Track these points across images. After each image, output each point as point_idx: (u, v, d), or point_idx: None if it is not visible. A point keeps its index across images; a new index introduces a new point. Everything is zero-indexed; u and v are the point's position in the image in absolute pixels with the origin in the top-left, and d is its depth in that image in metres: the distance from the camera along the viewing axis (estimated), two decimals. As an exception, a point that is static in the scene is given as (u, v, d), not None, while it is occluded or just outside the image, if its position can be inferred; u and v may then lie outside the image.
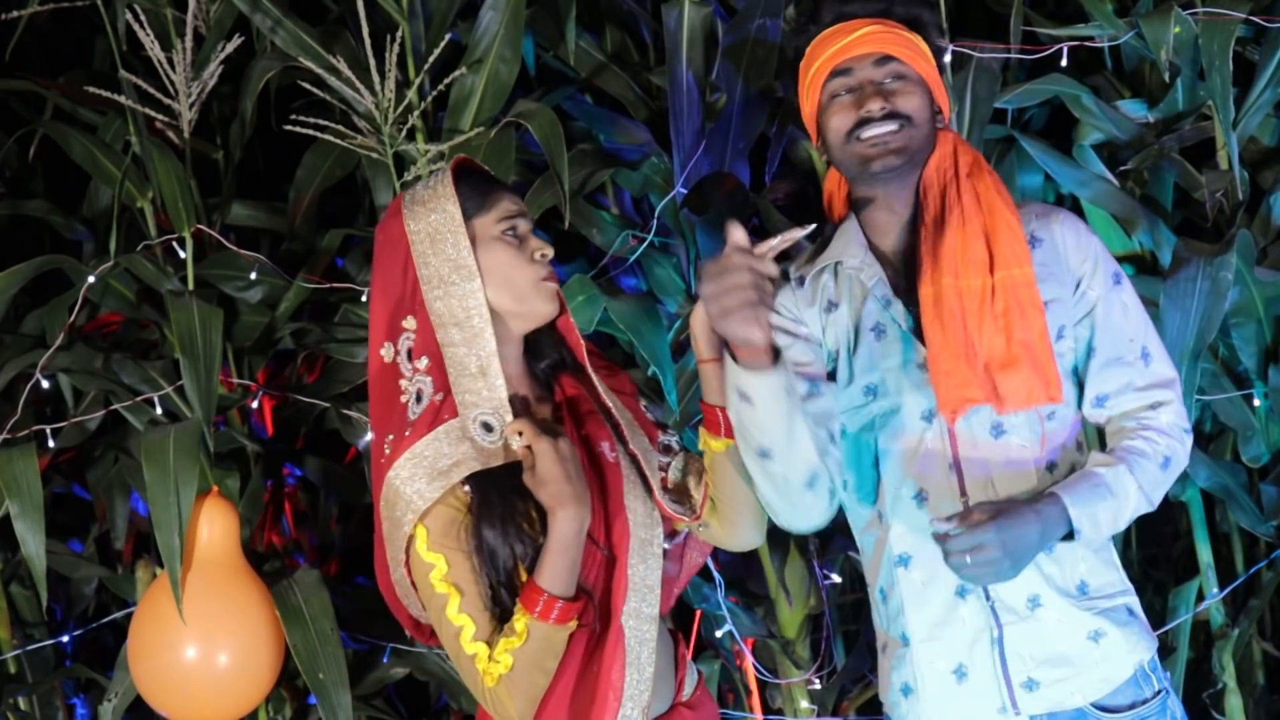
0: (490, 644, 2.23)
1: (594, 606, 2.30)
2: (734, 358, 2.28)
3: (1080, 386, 2.49)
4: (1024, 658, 2.42)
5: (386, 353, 2.32)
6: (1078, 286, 2.47)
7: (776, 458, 2.35)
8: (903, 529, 2.48)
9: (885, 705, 2.57)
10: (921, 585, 2.47)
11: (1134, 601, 2.50)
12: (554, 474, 2.22)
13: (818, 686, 3.57)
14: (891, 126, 2.46)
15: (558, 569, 2.22)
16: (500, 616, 2.25)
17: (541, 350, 2.45)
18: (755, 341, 2.23)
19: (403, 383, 2.31)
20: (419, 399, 2.28)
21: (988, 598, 2.43)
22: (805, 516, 2.45)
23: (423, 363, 2.29)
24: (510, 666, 2.21)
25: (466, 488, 2.25)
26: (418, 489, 2.23)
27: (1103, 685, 2.42)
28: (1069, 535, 2.36)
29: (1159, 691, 2.47)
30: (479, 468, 2.24)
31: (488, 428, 2.25)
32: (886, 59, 2.49)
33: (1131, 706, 2.44)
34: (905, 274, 2.50)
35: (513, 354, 2.38)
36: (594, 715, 2.27)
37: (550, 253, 2.36)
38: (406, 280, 2.32)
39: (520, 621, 2.21)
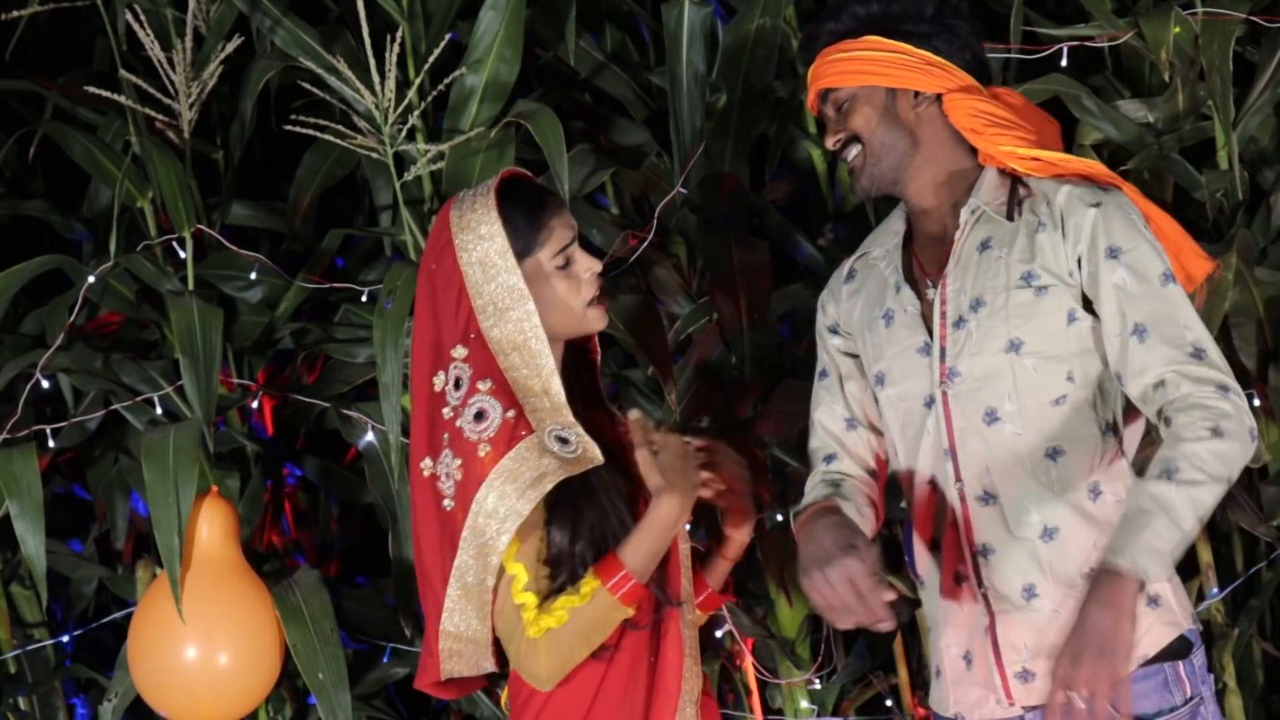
0: (540, 594, 2.26)
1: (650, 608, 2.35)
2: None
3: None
4: (1017, 648, 2.39)
5: (438, 381, 2.33)
6: (1079, 265, 2.39)
7: None
8: (924, 514, 2.48)
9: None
10: (936, 569, 2.47)
11: (1163, 589, 2.39)
12: (676, 466, 2.29)
13: (818, 686, 3.57)
14: (851, 152, 2.51)
15: (641, 548, 2.27)
16: (557, 589, 2.28)
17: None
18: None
19: (445, 411, 2.31)
20: (480, 418, 2.28)
21: (980, 585, 2.41)
22: None
23: (486, 384, 2.30)
24: (563, 623, 2.24)
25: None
26: (511, 505, 2.24)
27: None
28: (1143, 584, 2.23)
29: (1192, 698, 2.37)
30: (565, 476, 2.26)
31: (563, 440, 2.28)
32: (825, 94, 2.54)
33: (1157, 715, 2.34)
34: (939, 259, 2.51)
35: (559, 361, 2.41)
36: (654, 711, 2.33)
37: (598, 267, 2.40)
38: (460, 312, 2.34)
39: (589, 585, 2.26)
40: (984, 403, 2.40)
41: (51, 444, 3.44)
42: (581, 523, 2.29)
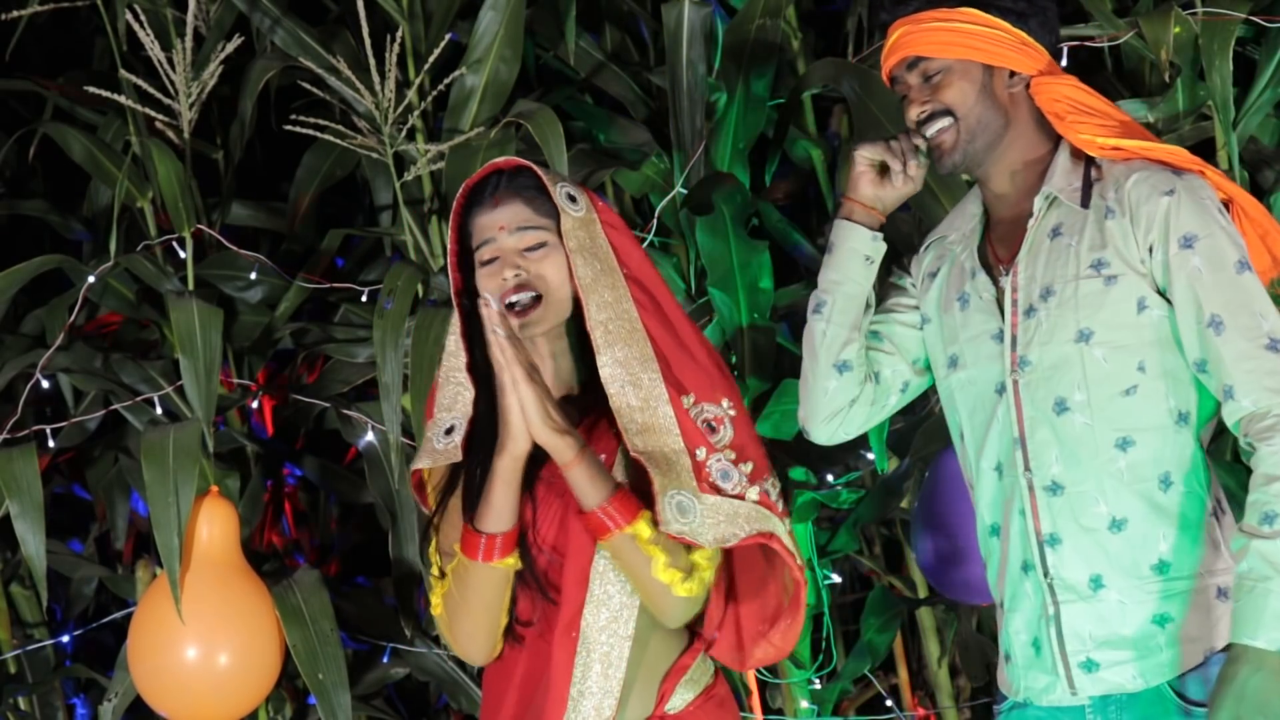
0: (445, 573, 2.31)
1: (540, 611, 2.30)
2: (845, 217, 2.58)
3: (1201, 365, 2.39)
4: (1082, 638, 2.39)
5: None
6: (1151, 253, 2.38)
7: (824, 312, 2.58)
8: (988, 500, 2.49)
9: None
10: (1004, 556, 2.47)
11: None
12: (509, 402, 2.20)
13: (818, 686, 3.57)
14: (938, 125, 2.48)
15: (482, 497, 2.25)
16: None
17: None
18: (860, 187, 2.54)
19: None
20: None
21: (1045, 575, 2.41)
22: (817, 407, 2.59)
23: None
24: (448, 587, 2.28)
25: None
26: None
27: (1166, 670, 2.36)
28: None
29: None
30: (422, 467, 2.32)
31: (448, 431, 2.30)
32: (914, 61, 2.50)
33: None
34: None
35: (561, 348, 2.34)
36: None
37: (508, 275, 2.28)
38: None
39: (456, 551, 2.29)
40: (1054, 392, 2.40)
41: (51, 444, 3.44)
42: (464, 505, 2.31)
